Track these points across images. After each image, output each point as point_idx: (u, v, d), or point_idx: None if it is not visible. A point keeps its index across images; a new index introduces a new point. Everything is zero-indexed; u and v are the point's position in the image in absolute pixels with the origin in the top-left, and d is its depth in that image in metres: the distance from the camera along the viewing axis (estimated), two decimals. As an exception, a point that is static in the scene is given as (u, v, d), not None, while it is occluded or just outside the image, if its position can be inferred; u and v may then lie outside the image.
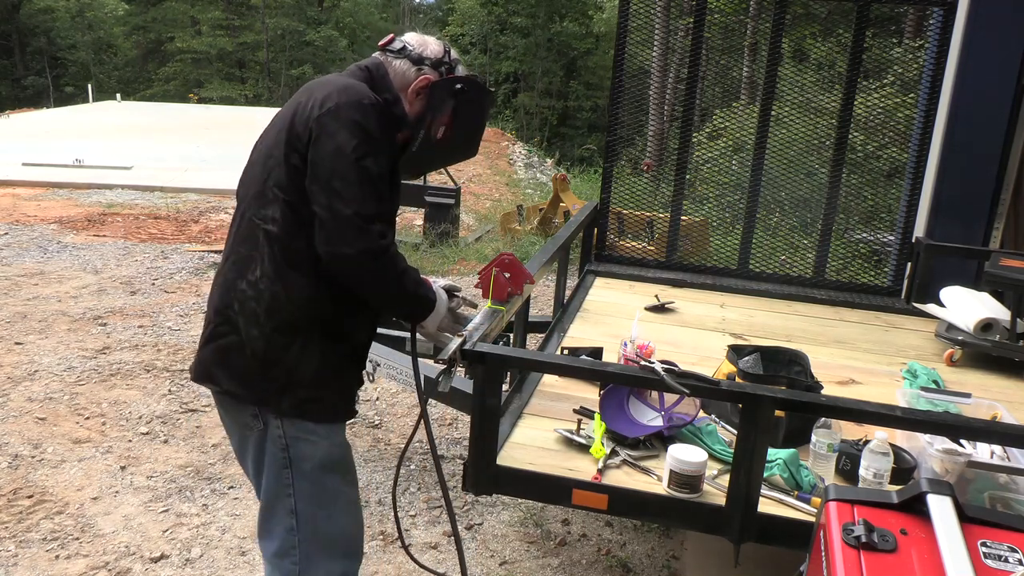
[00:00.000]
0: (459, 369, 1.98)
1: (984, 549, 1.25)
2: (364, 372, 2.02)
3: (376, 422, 4.01)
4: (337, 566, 1.93)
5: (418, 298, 1.86)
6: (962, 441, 2.10)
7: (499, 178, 13.13)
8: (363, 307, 1.87)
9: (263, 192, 1.79)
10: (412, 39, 1.93)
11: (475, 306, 2.12)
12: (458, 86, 1.89)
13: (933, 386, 2.75)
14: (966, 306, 3.25)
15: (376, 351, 3.19)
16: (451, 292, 2.01)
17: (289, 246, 1.76)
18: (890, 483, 1.93)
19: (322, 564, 1.90)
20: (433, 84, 1.88)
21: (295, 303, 1.77)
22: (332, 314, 1.82)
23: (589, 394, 2.55)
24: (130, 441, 3.64)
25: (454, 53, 1.96)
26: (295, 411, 1.83)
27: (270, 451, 1.86)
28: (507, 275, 2.29)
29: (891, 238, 4.26)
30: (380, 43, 1.94)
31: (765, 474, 1.97)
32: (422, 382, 2.06)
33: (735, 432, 2.04)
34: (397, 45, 1.91)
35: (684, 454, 1.99)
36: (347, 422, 1.97)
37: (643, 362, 1.98)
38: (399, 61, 1.89)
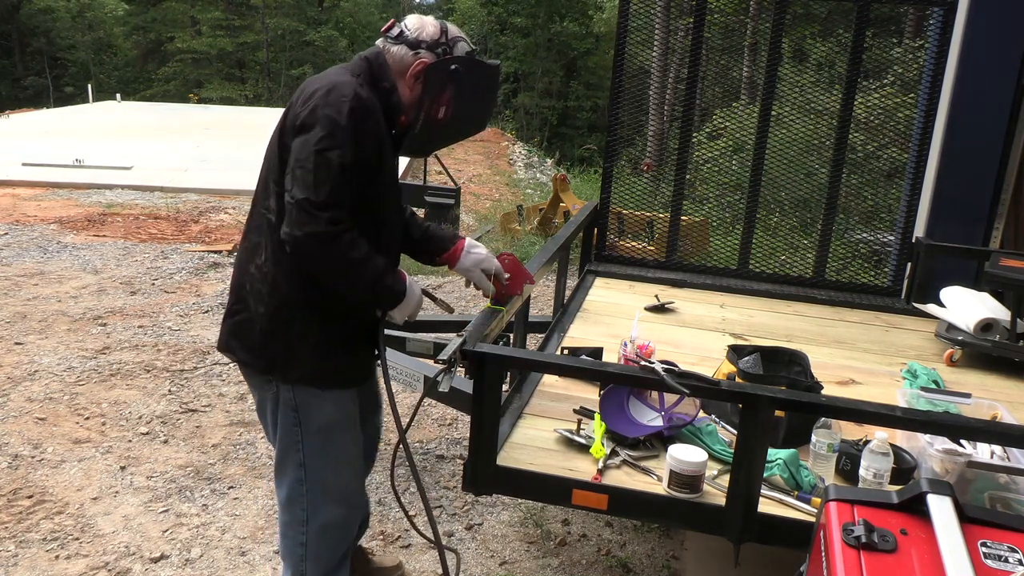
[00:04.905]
0: (459, 369, 1.99)
1: (984, 549, 1.25)
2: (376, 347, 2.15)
3: (376, 422, 4.01)
4: (340, 512, 2.15)
5: (376, 286, 1.95)
6: (962, 441, 2.10)
7: (499, 178, 13.14)
8: None
9: (266, 184, 1.96)
10: (410, 22, 1.99)
11: (452, 310, 2.32)
12: (453, 67, 1.93)
13: (933, 386, 2.75)
14: (966, 306, 3.25)
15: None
16: (427, 293, 2.18)
17: None
18: (890, 483, 1.93)
19: (327, 509, 2.12)
20: (428, 67, 1.93)
21: (292, 284, 1.94)
22: (331, 294, 1.96)
23: (589, 394, 2.55)
24: (130, 441, 3.64)
25: (454, 31, 2.01)
26: (302, 380, 2.01)
27: (282, 412, 2.05)
28: (507, 275, 2.29)
29: (891, 238, 4.25)
30: (382, 28, 2.02)
31: (765, 474, 1.97)
32: (389, 374, 2.14)
33: (735, 432, 2.04)
34: (395, 31, 1.98)
35: (684, 454, 1.99)
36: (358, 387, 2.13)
37: (643, 362, 1.98)
38: (396, 47, 1.96)
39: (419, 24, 1.98)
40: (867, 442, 2.03)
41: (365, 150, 1.88)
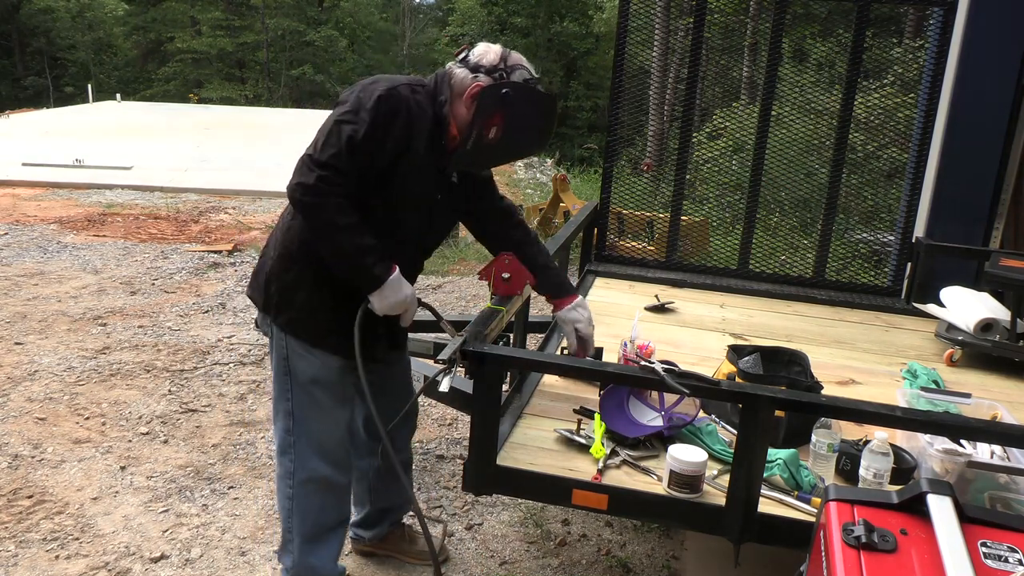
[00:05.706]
0: (459, 369, 1.99)
1: (984, 549, 1.25)
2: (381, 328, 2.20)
3: (376, 422, 4.01)
4: (324, 468, 2.27)
5: (355, 261, 2.01)
6: (962, 441, 2.10)
7: (499, 178, 13.06)
8: None
9: None
10: (478, 49, 2.13)
11: (455, 336, 2.16)
12: (504, 91, 2.03)
13: (933, 386, 2.75)
14: (966, 306, 3.25)
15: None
16: (428, 307, 2.28)
17: None
18: (890, 483, 1.93)
19: (312, 463, 2.26)
20: (482, 90, 2.04)
21: (298, 236, 2.12)
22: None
23: (589, 394, 2.55)
24: (130, 441, 3.64)
25: (516, 59, 2.11)
26: (290, 328, 2.17)
27: (276, 357, 2.22)
28: (506, 276, 2.30)
29: (891, 238, 4.25)
30: (455, 53, 2.18)
31: (765, 474, 1.97)
32: (364, 378, 2.04)
33: (735, 432, 2.04)
34: (462, 55, 2.14)
35: (684, 454, 1.99)
36: (356, 360, 2.08)
37: (643, 362, 1.98)
38: (460, 69, 2.11)
39: (483, 50, 2.11)
40: (867, 442, 2.03)
41: (384, 144, 1.98)
